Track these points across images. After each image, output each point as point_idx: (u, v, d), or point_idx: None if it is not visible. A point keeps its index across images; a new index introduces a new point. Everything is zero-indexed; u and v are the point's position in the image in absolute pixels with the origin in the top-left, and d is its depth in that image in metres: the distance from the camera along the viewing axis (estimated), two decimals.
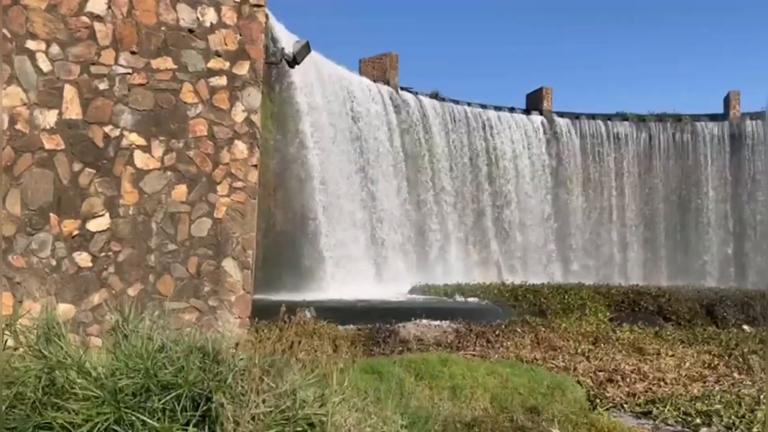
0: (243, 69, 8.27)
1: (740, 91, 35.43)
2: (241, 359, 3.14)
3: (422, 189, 29.56)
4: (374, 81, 28.83)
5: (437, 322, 15.02)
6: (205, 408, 2.87)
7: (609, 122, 35.92)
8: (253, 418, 2.78)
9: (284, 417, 2.87)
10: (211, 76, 8.18)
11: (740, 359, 11.97)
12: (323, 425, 2.66)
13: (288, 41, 17.67)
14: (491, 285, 24.31)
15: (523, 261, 32.51)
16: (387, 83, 29.38)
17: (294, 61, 10.50)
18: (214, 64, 8.21)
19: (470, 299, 21.77)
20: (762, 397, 9.56)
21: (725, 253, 34.56)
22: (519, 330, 14.25)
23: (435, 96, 31.55)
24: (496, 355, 12.06)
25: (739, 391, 9.95)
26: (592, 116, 36.02)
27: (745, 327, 18.85)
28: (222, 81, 8.21)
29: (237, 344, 3.06)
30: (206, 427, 2.84)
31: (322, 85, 24.83)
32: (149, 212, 7.93)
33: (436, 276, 27.42)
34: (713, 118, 35.79)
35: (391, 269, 26.66)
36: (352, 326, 13.66)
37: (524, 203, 33.19)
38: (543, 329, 14.33)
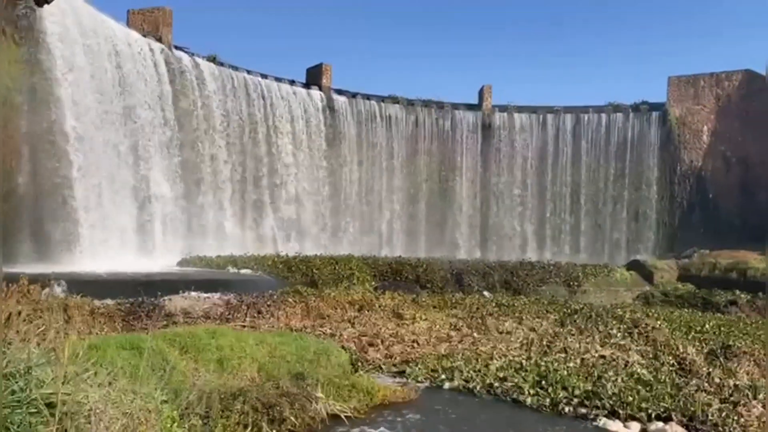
0: None
1: (491, 85, 40.21)
2: None
3: (196, 157, 28.15)
4: (144, 36, 26.54)
5: (207, 295, 14.59)
6: None
7: (382, 104, 38.03)
8: None
9: (16, 399, 2.54)
10: None
11: (480, 321, 13.72)
12: (64, 405, 2.41)
13: None
14: (266, 257, 24.32)
15: (298, 234, 33.03)
16: (159, 40, 27.24)
17: (43, 0, 9.12)
18: None
19: (243, 270, 21.55)
20: (495, 353, 11.10)
21: (473, 228, 39.16)
22: (290, 300, 14.51)
23: (213, 59, 30.12)
24: (267, 326, 12.16)
25: (477, 348, 11.41)
26: (368, 96, 37.76)
27: (485, 293, 21.66)
28: None
29: None
30: None
31: (82, 33, 22.09)
32: None
33: (208, 248, 26.52)
34: (470, 107, 40.01)
35: (158, 240, 25.11)
36: (110, 300, 12.63)
37: (301, 177, 33.64)
38: (313, 298, 14.79)
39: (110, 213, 22.50)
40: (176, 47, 28.18)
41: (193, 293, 14.45)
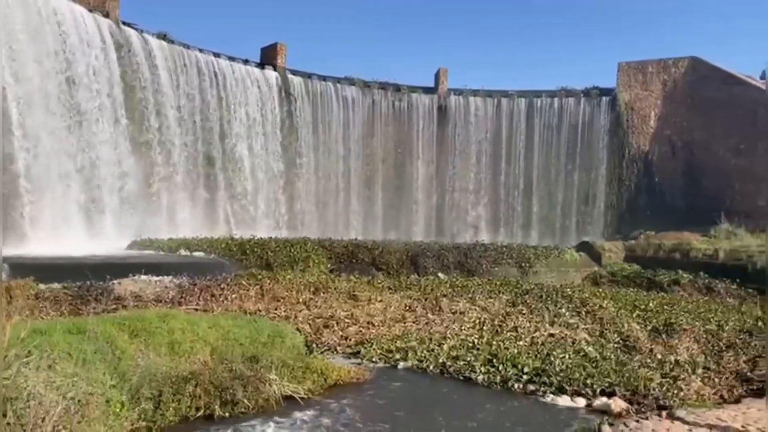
0: None
1: (448, 68, 40.32)
2: None
3: (147, 138, 27.34)
4: (90, 11, 25.51)
5: (158, 278, 14.31)
6: None
7: (338, 85, 37.69)
8: None
9: None
10: None
11: (434, 302, 13.90)
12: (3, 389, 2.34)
13: None
14: (219, 239, 23.94)
15: (253, 216, 32.61)
16: (106, 15, 26.24)
17: None
18: None
19: (196, 253, 21.18)
20: (448, 333, 11.27)
21: (429, 211, 39.46)
22: (244, 283, 14.38)
23: (163, 37, 29.21)
24: (220, 309, 12.02)
25: (431, 329, 11.58)
26: (323, 78, 37.36)
27: (440, 274, 21.91)
28: None
29: None
30: None
31: (24, 8, 21.12)
32: None
33: (159, 230, 25.93)
34: (426, 90, 40.07)
35: (107, 223, 24.41)
36: (56, 284, 12.27)
37: (255, 158, 33.14)
38: (268, 281, 14.68)
39: (56, 195, 21.75)
40: (124, 23, 27.22)
41: (143, 276, 14.17)
